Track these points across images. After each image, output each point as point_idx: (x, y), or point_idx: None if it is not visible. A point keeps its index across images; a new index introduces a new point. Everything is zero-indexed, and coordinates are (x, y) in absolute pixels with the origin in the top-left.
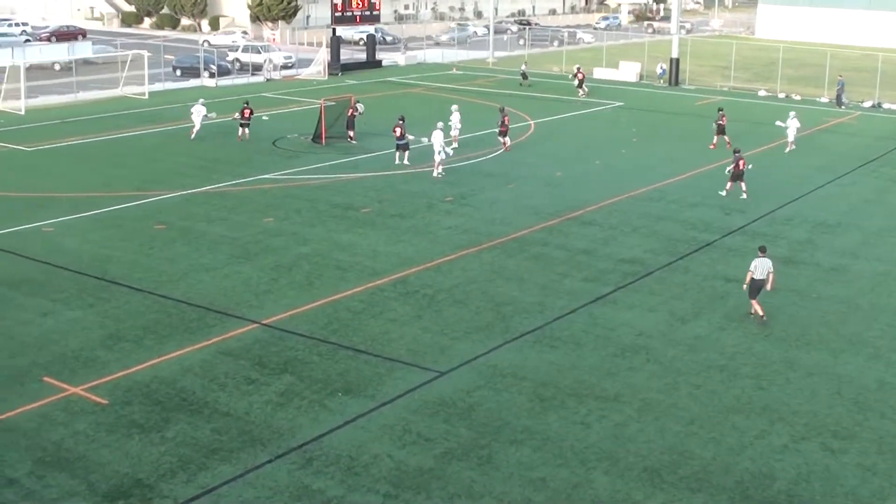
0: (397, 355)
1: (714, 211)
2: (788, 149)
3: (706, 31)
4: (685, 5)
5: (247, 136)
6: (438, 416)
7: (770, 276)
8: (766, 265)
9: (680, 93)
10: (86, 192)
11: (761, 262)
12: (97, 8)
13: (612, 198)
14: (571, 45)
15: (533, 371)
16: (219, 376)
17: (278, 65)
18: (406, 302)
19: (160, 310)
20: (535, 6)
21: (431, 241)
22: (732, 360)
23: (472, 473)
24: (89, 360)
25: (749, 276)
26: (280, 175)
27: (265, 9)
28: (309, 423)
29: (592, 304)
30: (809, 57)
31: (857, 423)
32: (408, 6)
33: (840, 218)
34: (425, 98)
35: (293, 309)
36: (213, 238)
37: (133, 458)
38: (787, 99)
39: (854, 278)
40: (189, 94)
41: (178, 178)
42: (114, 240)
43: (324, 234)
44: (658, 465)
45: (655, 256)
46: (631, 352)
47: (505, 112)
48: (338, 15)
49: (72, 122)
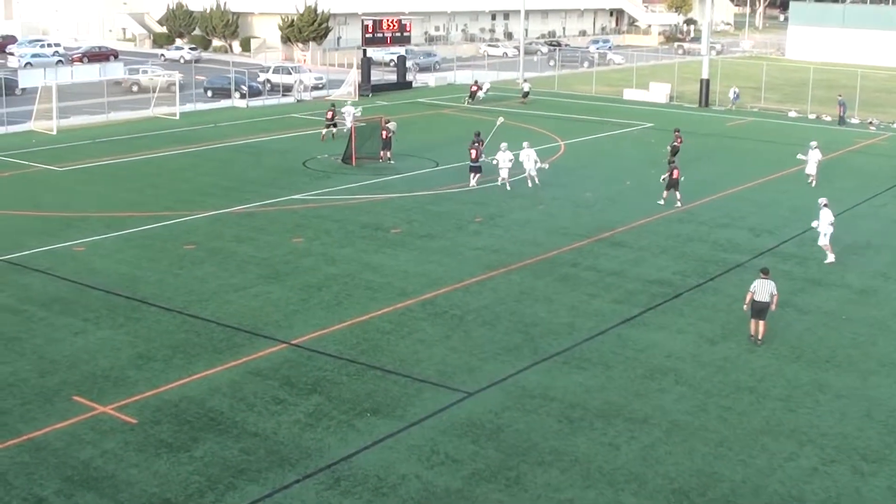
0: (426, 376)
1: (744, 232)
2: (811, 181)
3: (736, 52)
4: (715, 26)
5: (333, 136)
6: (466, 436)
7: (774, 297)
8: (769, 287)
9: (710, 114)
10: (116, 212)
11: (763, 283)
12: (129, 29)
13: (641, 219)
14: (602, 66)
15: (561, 392)
16: (247, 396)
17: (309, 86)
18: (435, 322)
19: (189, 329)
20: (565, 27)
21: (460, 261)
22: (762, 381)
23: (499, 495)
24: (119, 380)
25: (749, 297)
26: (310, 195)
27: (296, 30)
28: (337, 444)
29: (621, 326)
30: (840, 78)
31: (887, 445)
32: (438, 27)
33: (870, 238)
34: (455, 119)
35: (322, 329)
36: (243, 258)
37: (161, 478)
38: (817, 120)
39: (884, 300)
40: (220, 115)
41: (208, 198)
42: (143, 259)
43: (353, 254)
44: (687, 487)
45: (685, 278)
46: (660, 373)
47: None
48: (368, 36)
49: (103, 142)
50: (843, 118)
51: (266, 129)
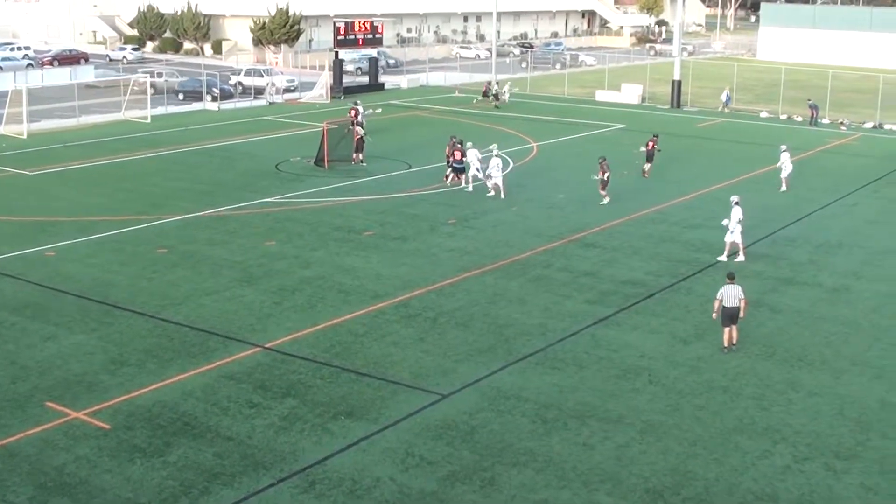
0: (400, 378)
1: (716, 232)
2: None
3: (708, 52)
4: (687, 28)
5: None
6: (441, 438)
7: (742, 302)
8: (736, 292)
9: (681, 115)
10: (88, 216)
11: (730, 289)
12: (100, 32)
13: (614, 220)
14: (574, 67)
15: (535, 393)
16: (221, 400)
17: (280, 88)
18: (408, 325)
19: (162, 334)
20: (537, 29)
21: (434, 263)
22: (735, 381)
23: (474, 496)
24: (91, 385)
25: (718, 304)
26: (282, 198)
27: (268, 32)
28: (311, 447)
29: (595, 326)
30: (811, 78)
31: (859, 443)
32: (410, 29)
33: (842, 238)
34: (428, 121)
35: (295, 332)
36: (215, 262)
37: (135, 483)
38: (788, 120)
39: (856, 299)
40: (192, 118)
41: (180, 201)
42: (116, 264)
43: (326, 257)
44: (661, 486)
45: (657, 278)
46: (633, 373)
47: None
48: (340, 38)
49: (74, 146)
50: (815, 120)
51: (238, 131)
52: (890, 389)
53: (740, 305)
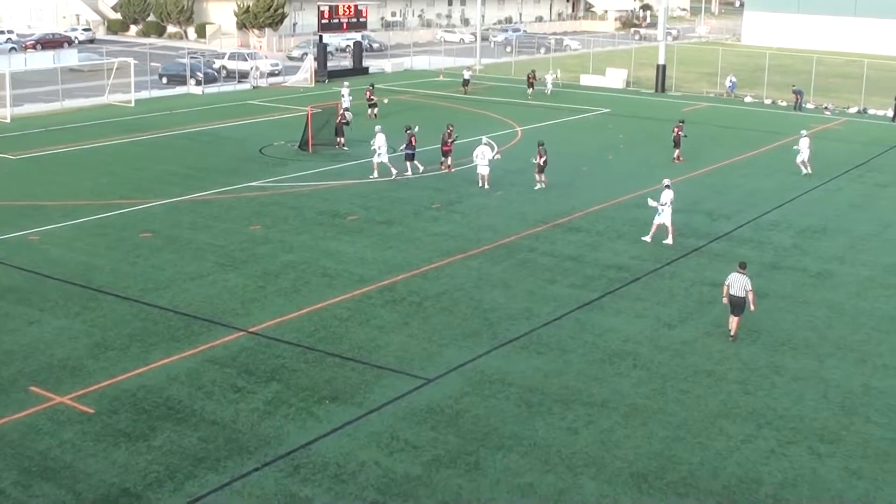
0: (384, 362)
1: (700, 216)
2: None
3: (693, 37)
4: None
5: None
6: (426, 423)
7: (749, 294)
8: (743, 282)
9: (666, 99)
10: (71, 201)
11: (737, 278)
12: (83, 15)
13: (598, 204)
14: (558, 51)
15: (520, 377)
16: (205, 384)
17: (265, 72)
18: (393, 309)
19: (146, 318)
20: (521, 13)
21: (418, 247)
22: (719, 365)
23: (459, 480)
24: (76, 370)
25: (725, 289)
26: (267, 182)
27: (252, 16)
28: (296, 431)
29: (579, 310)
30: (795, 63)
31: (843, 426)
32: (395, 13)
33: (826, 223)
34: (413, 105)
35: (280, 317)
36: (200, 246)
37: (120, 468)
38: (773, 105)
39: (840, 283)
40: (175, 102)
41: (164, 186)
42: (100, 248)
43: (311, 241)
44: (645, 470)
45: (642, 262)
46: (618, 357)
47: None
48: (324, 22)
49: (57, 130)
50: (800, 105)
51: (222, 115)
52: (873, 374)
53: (747, 296)
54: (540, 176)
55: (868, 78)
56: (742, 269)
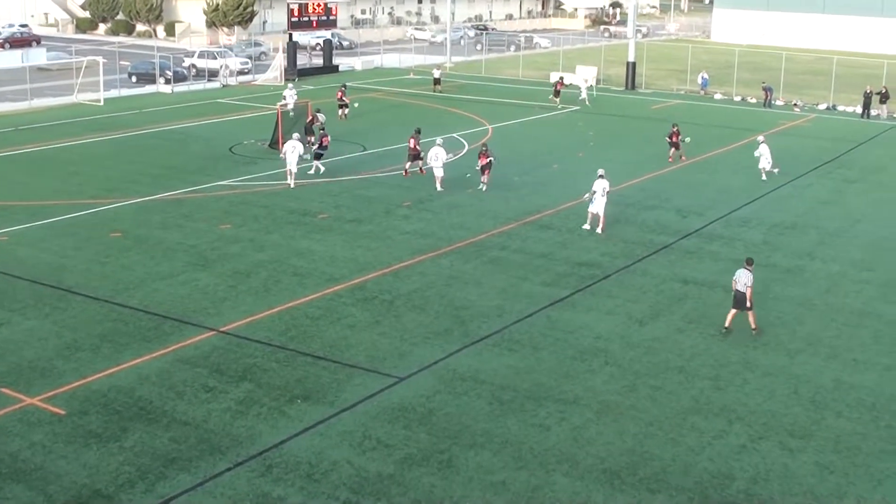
0: (356, 361)
1: (670, 214)
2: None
3: (662, 35)
4: (641, 9)
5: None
6: (398, 421)
7: (748, 290)
8: (744, 277)
9: (636, 97)
10: (40, 201)
11: (740, 273)
12: (52, 14)
13: (569, 202)
14: (528, 49)
15: (492, 375)
16: (176, 384)
17: (234, 70)
18: (364, 308)
19: (117, 318)
20: (491, 11)
21: (389, 246)
22: (690, 361)
23: (432, 479)
24: (46, 370)
25: (734, 284)
26: (236, 181)
27: (221, 14)
28: (268, 431)
29: (550, 308)
30: (765, 60)
31: (814, 421)
32: (364, 11)
33: (796, 219)
34: (383, 103)
35: (251, 316)
36: (170, 245)
37: (91, 469)
38: (743, 102)
39: (810, 279)
40: (145, 101)
41: (134, 185)
42: (69, 248)
43: (281, 240)
44: (617, 466)
45: (613, 259)
46: (589, 354)
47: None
48: (294, 20)
49: (26, 129)
50: (770, 102)
51: (192, 114)
52: (844, 369)
53: (745, 293)
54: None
55: (837, 75)
56: (748, 265)
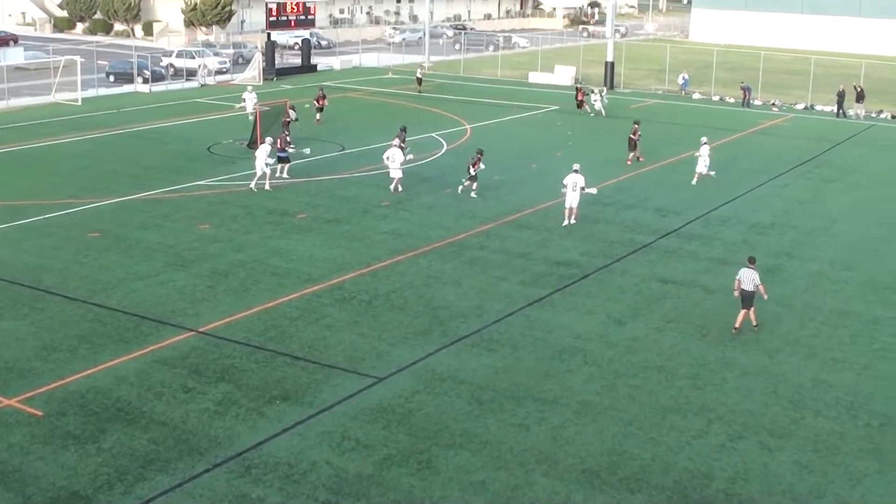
0: (335, 362)
1: (649, 213)
2: (695, 179)
3: (640, 34)
4: (619, 9)
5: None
6: (377, 422)
7: (759, 287)
8: (751, 276)
9: (615, 96)
10: (18, 201)
11: (746, 272)
12: (29, 13)
13: (547, 201)
14: (507, 49)
15: (471, 375)
16: (155, 385)
17: (213, 70)
18: (343, 308)
19: (95, 319)
20: (470, 11)
21: (368, 246)
22: (670, 360)
23: (411, 479)
24: (23, 371)
25: (737, 284)
26: (215, 181)
27: (199, 14)
28: (247, 431)
29: (529, 307)
30: (743, 60)
31: (792, 421)
32: (343, 10)
33: (775, 219)
34: (361, 103)
35: (229, 316)
36: (148, 245)
37: (69, 470)
38: (721, 102)
39: (789, 278)
40: (123, 100)
41: (112, 185)
42: (47, 248)
43: (259, 240)
44: (597, 466)
45: (592, 259)
46: (568, 354)
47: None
48: (272, 19)
49: (2, 129)
50: (748, 101)
51: (170, 114)
52: (823, 368)
53: (754, 290)
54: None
55: (815, 75)
56: (751, 264)
